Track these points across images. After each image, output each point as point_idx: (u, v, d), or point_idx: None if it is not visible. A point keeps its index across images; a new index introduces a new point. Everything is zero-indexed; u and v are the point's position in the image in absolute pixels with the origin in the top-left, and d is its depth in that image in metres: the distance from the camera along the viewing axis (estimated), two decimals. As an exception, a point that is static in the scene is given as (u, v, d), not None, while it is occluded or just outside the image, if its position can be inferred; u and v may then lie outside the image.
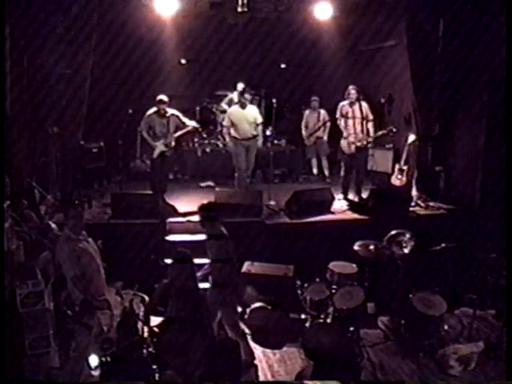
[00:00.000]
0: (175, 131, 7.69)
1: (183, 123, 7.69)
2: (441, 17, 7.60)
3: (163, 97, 7.47)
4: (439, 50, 7.73)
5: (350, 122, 7.76)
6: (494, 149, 7.11)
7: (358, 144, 7.76)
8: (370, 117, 7.85)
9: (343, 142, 7.91)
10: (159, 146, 7.55)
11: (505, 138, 6.65)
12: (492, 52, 6.94)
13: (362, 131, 7.78)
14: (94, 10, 7.13)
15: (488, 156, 7.27)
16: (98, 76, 8.17)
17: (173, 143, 7.71)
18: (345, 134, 7.87)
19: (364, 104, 7.82)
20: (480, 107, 7.34)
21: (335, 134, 9.39)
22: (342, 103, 7.87)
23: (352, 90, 7.70)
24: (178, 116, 7.67)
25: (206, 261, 4.92)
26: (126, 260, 6.01)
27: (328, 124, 9.19)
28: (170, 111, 7.59)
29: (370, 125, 7.84)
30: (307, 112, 9.56)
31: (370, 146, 8.99)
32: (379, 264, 5.66)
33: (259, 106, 10.48)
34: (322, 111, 9.33)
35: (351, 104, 7.74)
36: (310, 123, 9.45)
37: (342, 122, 7.89)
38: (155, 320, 4.39)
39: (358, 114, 7.74)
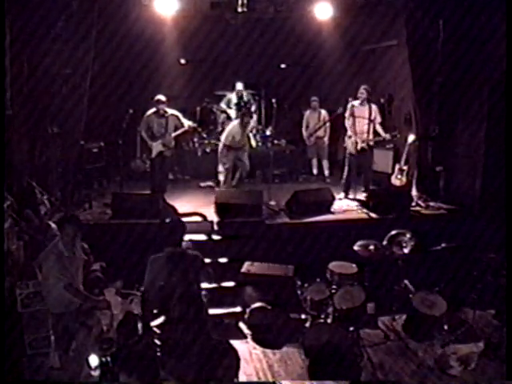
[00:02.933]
0: (175, 131, 7.70)
1: (181, 123, 7.71)
2: (440, 17, 7.60)
3: (161, 97, 7.48)
4: (439, 49, 7.73)
5: (357, 121, 7.86)
6: (493, 149, 7.10)
7: (363, 145, 7.83)
8: (378, 119, 7.99)
9: (348, 141, 8.03)
10: (157, 146, 7.56)
11: (505, 137, 6.65)
12: (492, 51, 6.95)
13: (368, 132, 7.86)
14: (94, 9, 7.14)
15: (488, 156, 7.26)
16: (98, 76, 8.17)
17: (172, 143, 7.71)
18: (349, 133, 7.97)
19: (373, 106, 7.95)
20: (480, 107, 7.33)
21: (335, 134, 9.43)
22: (352, 102, 7.99)
23: (362, 90, 7.83)
24: (177, 116, 7.68)
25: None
26: (126, 260, 6.01)
27: (328, 124, 9.20)
28: (170, 111, 7.60)
29: (378, 127, 7.95)
30: (307, 112, 9.57)
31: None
32: (379, 264, 5.65)
33: (259, 106, 10.52)
34: (323, 111, 9.34)
35: (361, 104, 7.86)
36: (311, 123, 9.46)
37: (349, 121, 7.99)
38: (155, 320, 4.39)
39: (365, 114, 7.85)
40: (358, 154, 7.93)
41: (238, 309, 5.60)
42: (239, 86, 10.09)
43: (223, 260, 6.44)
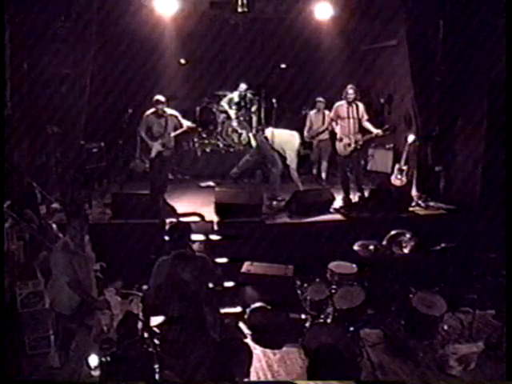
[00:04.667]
0: (174, 131, 7.69)
1: (180, 124, 7.69)
2: (440, 16, 7.61)
3: (160, 97, 7.46)
4: (438, 49, 7.74)
5: (346, 122, 7.67)
6: (493, 149, 7.11)
7: (354, 145, 7.68)
8: (366, 116, 7.75)
9: (339, 145, 7.81)
10: (156, 146, 7.54)
11: (505, 137, 6.66)
12: (491, 51, 6.95)
13: (359, 132, 7.71)
14: (93, 9, 7.13)
15: (488, 156, 7.27)
16: (99, 76, 8.17)
17: (172, 143, 7.70)
18: (339, 136, 7.77)
19: (360, 104, 7.72)
20: (480, 107, 7.34)
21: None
22: (338, 103, 7.76)
23: (350, 90, 7.59)
24: (176, 116, 7.66)
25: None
26: (126, 260, 6.01)
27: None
28: (169, 111, 7.59)
29: (367, 124, 7.74)
30: (312, 113, 9.31)
31: (372, 145, 9.00)
32: (379, 264, 5.65)
33: (259, 106, 10.52)
34: (328, 113, 8.90)
35: (348, 104, 7.63)
36: (314, 125, 9.22)
37: (337, 123, 7.81)
38: (155, 320, 4.39)
39: (354, 114, 7.64)
40: (350, 155, 7.78)
41: (238, 309, 5.60)
42: (243, 86, 10.10)
43: (223, 260, 6.43)
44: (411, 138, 8.03)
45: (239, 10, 8.44)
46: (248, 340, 5.16)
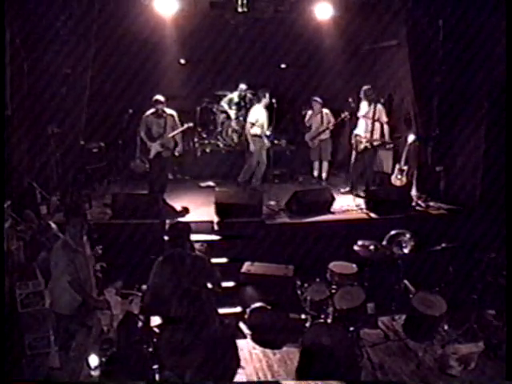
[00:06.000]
0: (173, 132, 7.67)
1: (176, 125, 7.66)
2: (440, 16, 7.61)
3: (159, 97, 7.45)
4: (439, 49, 7.74)
5: (363, 121, 8.21)
6: (494, 149, 7.11)
7: (366, 144, 8.09)
8: (384, 119, 8.16)
9: (354, 140, 8.32)
10: (155, 147, 7.53)
11: (505, 137, 6.65)
12: (491, 51, 6.95)
13: (372, 132, 8.06)
14: (94, 9, 7.13)
15: (488, 156, 7.27)
16: (98, 76, 8.16)
17: (171, 144, 7.69)
18: (355, 133, 8.29)
19: (379, 106, 8.13)
20: (480, 106, 7.34)
21: (335, 134, 9.38)
22: (362, 102, 8.31)
23: (361, 91, 8.16)
24: (173, 117, 7.64)
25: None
26: (126, 260, 6.01)
27: (331, 125, 8.95)
28: (169, 112, 7.58)
29: (385, 128, 8.17)
30: (310, 113, 9.13)
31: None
32: (379, 264, 5.66)
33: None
34: (326, 112, 8.97)
35: (368, 104, 8.16)
36: (314, 126, 9.09)
37: (358, 120, 8.33)
38: (155, 320, 4.39)
39: (370, 114, 8.08)
40: (362, 153, 8.19)
41: (238, 309, 5.60)
42: (242, 86, 10.10)
43: (223, 260, 6.43)
44: (411, 138, 8.04)
45: (239, 10, 8.43)
46: (248, 340, 5.18)
